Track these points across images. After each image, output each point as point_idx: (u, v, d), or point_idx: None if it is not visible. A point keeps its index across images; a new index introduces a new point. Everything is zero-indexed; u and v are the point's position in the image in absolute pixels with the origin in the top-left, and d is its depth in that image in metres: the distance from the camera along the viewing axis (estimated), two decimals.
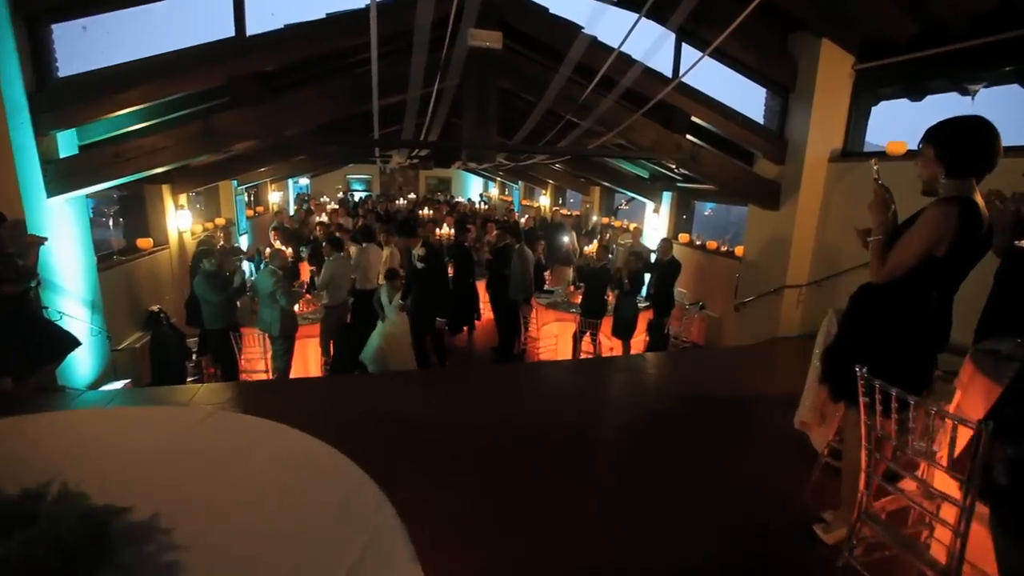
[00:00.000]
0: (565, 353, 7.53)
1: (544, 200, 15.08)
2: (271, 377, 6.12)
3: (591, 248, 8.36)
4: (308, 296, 7.19)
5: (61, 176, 4.31)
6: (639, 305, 7.21)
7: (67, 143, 4.55)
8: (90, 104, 4.24)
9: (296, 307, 6.87)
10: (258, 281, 5.94)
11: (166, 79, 4.30)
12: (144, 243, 7.02)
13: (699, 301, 8.32)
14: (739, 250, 7.68)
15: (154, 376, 6.00)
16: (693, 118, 5.84)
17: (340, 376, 6.16)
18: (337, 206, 15.27)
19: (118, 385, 4.90)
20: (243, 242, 11.18)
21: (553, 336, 7.66)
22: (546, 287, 8.96)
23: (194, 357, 6.44)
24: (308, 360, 6.79)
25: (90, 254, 5.00)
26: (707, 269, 8.44)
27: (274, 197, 14.54)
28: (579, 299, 7.37)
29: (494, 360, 7.80)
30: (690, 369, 5.48)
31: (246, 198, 12.80)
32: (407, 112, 5.17)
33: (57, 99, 4.24)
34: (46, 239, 3.89)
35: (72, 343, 4.12)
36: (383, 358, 5.78)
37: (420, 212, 15.16)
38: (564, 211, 14.02)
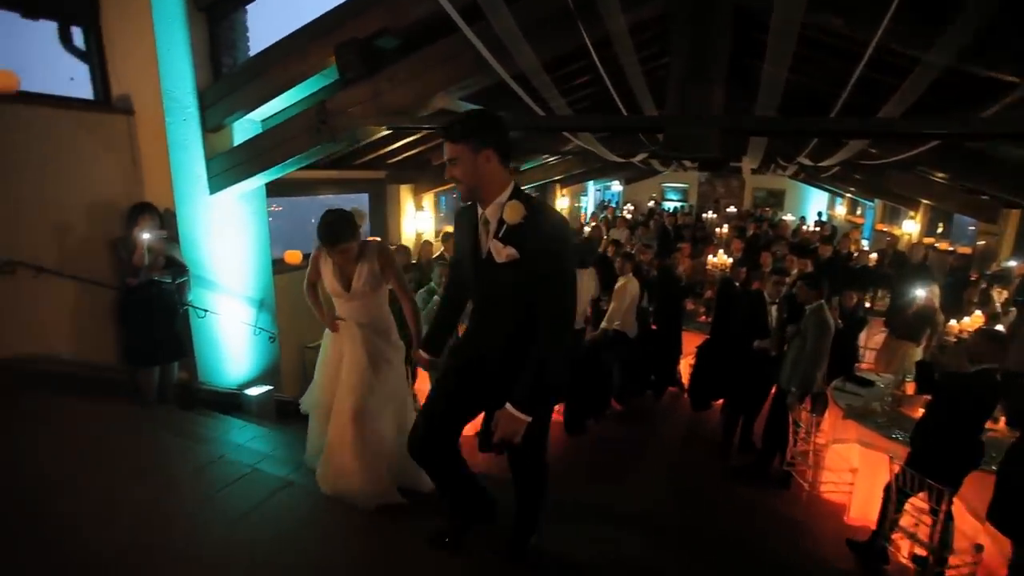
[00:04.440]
0: (864, 509, 4.00)
1: (911, 226, 10.08)
2: None
3: (962, 324, 4.32)
4: None
5: (219, 172, 4.10)
6: None
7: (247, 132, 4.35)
8: (237, 96, 3.86)
9: None
10: None
11: (281, 64, 3.58)
12: None
13: None
14: None
15: None
16: None
17: None
18: (628, 216, 13.78)
19: (258, 391, 4.59)
20: None
21: (849, 471, 4.24)
22: (860, 370, 5.31)
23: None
24: None
25: (265, 252, 4.85)
26: None
27: (563, 203, 13.97)
28: (919, 413, 3.85)
29: (730, 473, 4.73)
30: None
31: None
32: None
33: (225, 91, 4.01)
34: (163, 237, 3.67)
35: (175, 351, 3.90)
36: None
37: (718, 230, 12.26)
38: (942, 246, 8.96)
